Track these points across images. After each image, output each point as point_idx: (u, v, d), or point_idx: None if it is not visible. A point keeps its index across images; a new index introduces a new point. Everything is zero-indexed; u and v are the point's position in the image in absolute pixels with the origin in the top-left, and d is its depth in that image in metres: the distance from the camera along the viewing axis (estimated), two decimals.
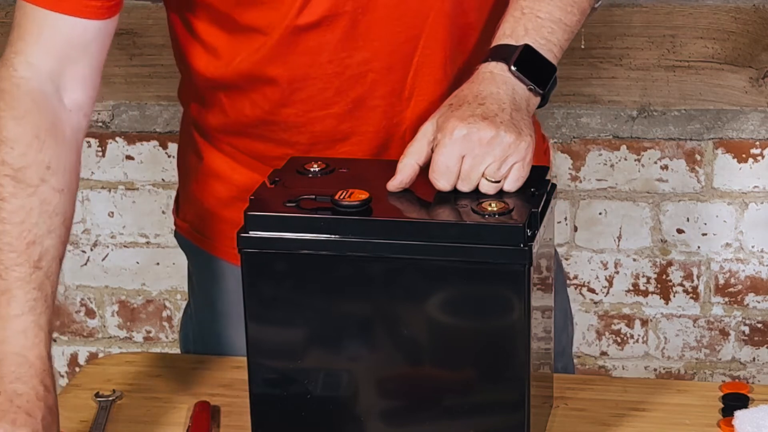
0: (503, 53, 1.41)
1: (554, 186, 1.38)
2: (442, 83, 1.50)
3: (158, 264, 2.59)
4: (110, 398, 1.52)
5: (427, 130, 1.36)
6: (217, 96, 1.55)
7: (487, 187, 1.33)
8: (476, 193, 1.33)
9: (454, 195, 1.33)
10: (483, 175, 1.32)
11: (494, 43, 1.43)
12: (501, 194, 1.33)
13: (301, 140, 1.53)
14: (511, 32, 1.43)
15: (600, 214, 2.44)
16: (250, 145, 1.57)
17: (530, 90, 1.40)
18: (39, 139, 1.36)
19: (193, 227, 1.68)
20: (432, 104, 1.48)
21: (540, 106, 1.43)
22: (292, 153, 1.50)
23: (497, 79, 1.39)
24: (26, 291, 1.33)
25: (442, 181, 1.33)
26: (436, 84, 1.50)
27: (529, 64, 1.41)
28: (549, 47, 1.43)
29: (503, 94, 1.38)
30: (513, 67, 1.39)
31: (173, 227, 1.74)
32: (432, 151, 1.34)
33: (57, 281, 1.37)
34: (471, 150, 1.32)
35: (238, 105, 1.54)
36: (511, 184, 1.33)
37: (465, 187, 1.33)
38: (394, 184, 1.34)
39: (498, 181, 1.33)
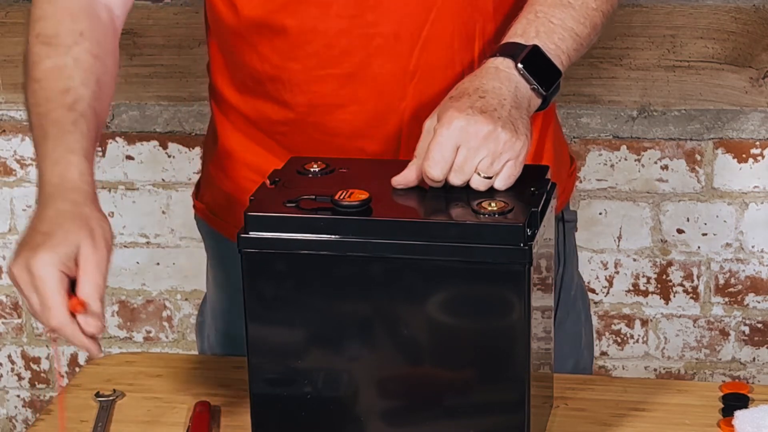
0: (511, 50, 1.42)
1: (554, 186, 1.38)
2: (447, 69, 1.50)
3: (158, 264, 2.59)
4: (110, 398, 1.52)
5: (429, 127, 1.36)
6: (232, 48, 1.56)
7: (478, 183, 1.33)
8: (475, 193, 1.33)
9: (453, 195, 1.33)
10: (475, 170, 1.32)
11: (504, 41, 1.44)
12: (493, 192, 1.32)
13: (301, 101, 1.53)
14: (522, 32, 1.44)
15: (600, 214, 2.44)
16: (255, 107, 1.58)
17: (533, 90, 1.40)
18: (72, 14, 1.45)
19: (209, 209, 1.69)
20: (435, 87, 1.49)
21: (539, 109, 1.43)
22: (293, 117, 1.52)
23: (501, 75, 1.39)
24: (60, 128, 1.37)
25: (435, 169, 1.32)
26: (442, 67, 1.50)
27: (536, 65, 1.41)
28: (557, 53, 1.44)
29: (505, 90, 1.38)
30: (519, 65, 1.40)
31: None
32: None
33: (94, 122, 1.40)
34: (467, 142, 1.32)
35: (248, 57, 1.54)
36: (501, 182, 1.33)
37: (457, 179, 1.33)
38: (398, 180, 1.35)
39: (490, 177, 1.33)
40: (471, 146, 1.32)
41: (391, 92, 1.51)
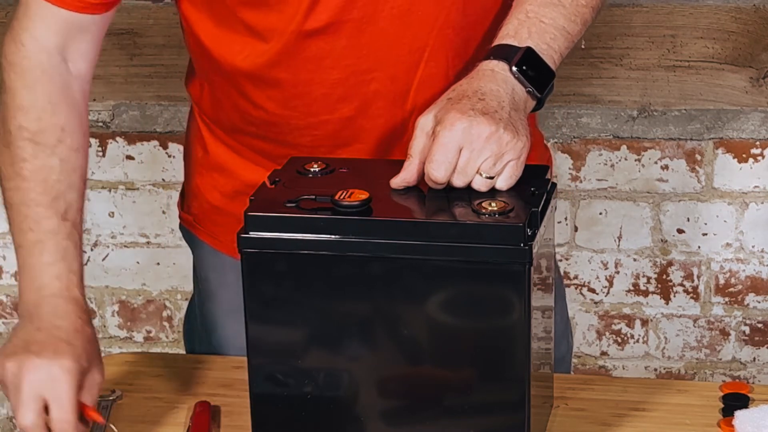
0: (505, 53, 1.41)
1: (554, 185, 1.38)
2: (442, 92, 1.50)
3: (158, 264, 2.59)
4: (110, 398, 1.52)
5: (425, 124, 1.36)
6: (224, 91, 1.56)
7: (480, 183, 1.33)
8: (475, 193, 1.33)
9: (453, 195, 1.33)
10: (478, 171, 1.33)
11: (496, 42, 1.44)
12: (493, 192, 1.33)
13: (303, 142, 1.54)
14: (514, 33, 1.43)
15: (600, 214, 2.44)
16: (253, 143, 1.58)
17: (528, 92, 1.40)
18: (52, 103, 1.45)
19: (197, 221, 1.69)
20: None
21: (535, 109, 1.43)
22: (296, 153, 1.51)
23: (498, 78, 1.39)
24: (57, 241, 1.42)
25: (440, 171, 1.32)
26: (440, 92, 1.50)
27: (530, 67, 1.41)
28: (550, 53, 1.43)
29: (503, 92, 1.38)
30: (514, 68, 1.40)
31: (177, 222, 1.76)
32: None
33: (81, 232, 1.46)
34: (470, 143, 1.32)
35: (242, 103, 1.54)
36: (503, 182, 1.33)
37: (460, 180, 1.33)
38: (397, 182, 1.34)
39: (492, 178, 1.33)
40: (474, 148, 1.32)
41: (392, 128, 1.52)
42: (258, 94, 1.52)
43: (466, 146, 1.32)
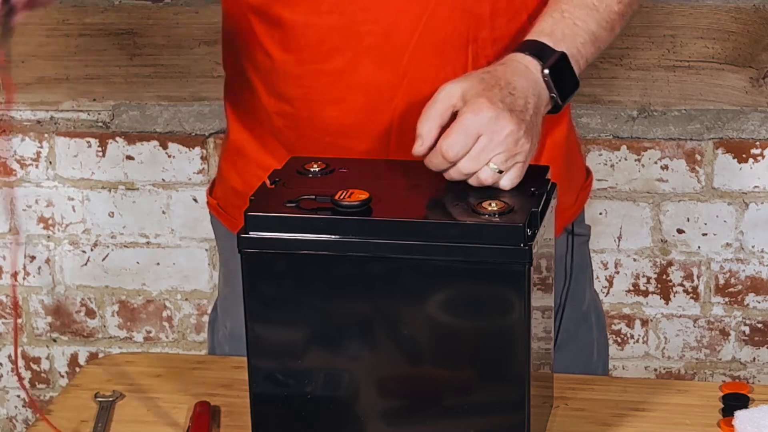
0: (541, 52, 1.43)
1: (554, 186, 1.38)
2: (439, 72, 1.50)
3: (158, 264, 2.59)
4: (110, 398, 1.52)
5: (451, 94, 1.37)
6: (241, 39, 1.58)
7: (487, 174, 1.33)
8: (475, 193, 1.33)
9: (453, 195, 1.33)
10: (488, 162, 1.33)
11: (532, 37, 1.45)
12: (493, 193, 1.33)
13: (296, 95, 1.54)
14: (550, 32, 1.45)
15: (600, 214, 2.44)
16: (257, 98, 1.59)
17: (551, 97, 1.41)
18: None
19: (220, 205, 1.72)
20: (425, 89, 1.47)
21: (549, 113, 1.44)
22: (290, 110, 1.54)
23: (530, 77, 1.40)
24: None
25: (454, 149, 1.33)
26: (433, 69, 1.50)
27: (559, 73, 1.42)
28: (578, 58, 1.45)
29: (531, 93, 1.39)
30: (546, 71, 1.41)
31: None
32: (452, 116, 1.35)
33: None
34: (490, 134, 1.33)
35: (251, 46, 1.56)
36: (507, 181, 1.34)
37: (468, 165, 1.33)
38: (419, 149, 1.35)
39: (501, 172, 1.33)
40: (493, 139, 1.33)
41: (380, 92, 1.51)
42: (264, 34, 1.54)
43: (485, 135, 1.33)
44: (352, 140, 1.53)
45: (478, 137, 1.33)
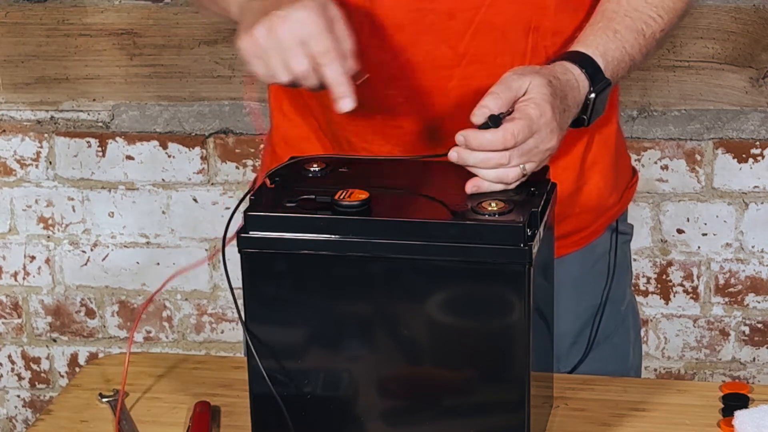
0: (594, 74, 1.44)
1: (554, 186, 1.38)
2: (497, 57, 1.50)
3: (158, 264, 2.59)
4: (114, 398, 1.52)
5: (519, 86, 1.37)
6: None
7: (516, 174, 1.34)
8: (476, 193, 1.33)
9: (453, 195, 1.33)
10: (523, 163, 1.35)
11: (585, 50, 1.45)
12: (493, 193, 1.33)
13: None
14: (603, 51, 1.46)
15: None
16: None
17: (578, 119, 1.44)
18: None
19: None
20: (483, 73, 1.48)
21: None
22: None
23: (578, 97, 1.42)
24: None
25: (522, 134, 1.33)
26: (492, 54, 1.50)
27: (598, 97, 1.44)
28: (614, 84, 1.47)
29: (573, 113, 1.42)
30: (592, 95, 1.43)
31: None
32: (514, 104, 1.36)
33: None
34: (539, 139, 1.35)
35: None
36: (515, 183, 1.35)
37: (516, 158, 1.33)
38: (479, 118, 1.34)
39: (525, 176, 1.35)
40: (539, 146, 1.35)
41: (438, 72, 1.51)
42: None
43: (536, 137, 1.35)
44: (404, 120, 1.53)
45: (528, 137, 1.35)
